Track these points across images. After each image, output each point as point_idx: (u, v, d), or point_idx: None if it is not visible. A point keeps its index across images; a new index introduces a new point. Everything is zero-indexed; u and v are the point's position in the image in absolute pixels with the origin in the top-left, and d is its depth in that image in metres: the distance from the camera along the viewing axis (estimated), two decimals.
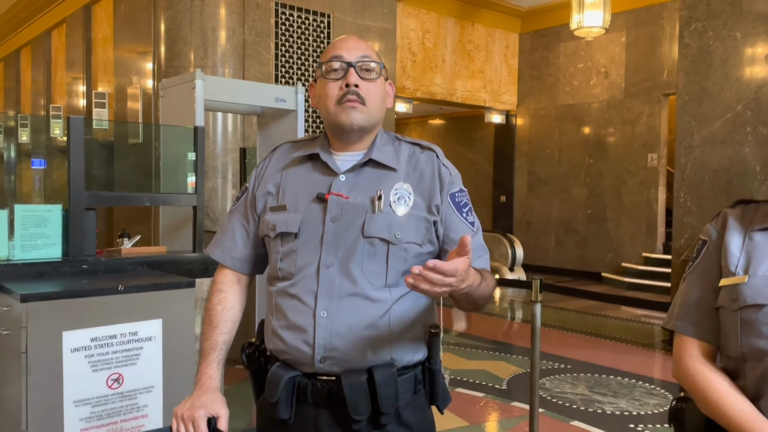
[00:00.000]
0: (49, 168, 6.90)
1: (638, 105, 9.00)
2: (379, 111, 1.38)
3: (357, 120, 1.34)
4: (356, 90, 1.33)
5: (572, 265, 9.86)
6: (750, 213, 1.27)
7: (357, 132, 1.36)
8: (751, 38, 4.90)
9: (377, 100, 1.37)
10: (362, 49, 1.37)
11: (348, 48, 1.36)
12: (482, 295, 1.27)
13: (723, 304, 1.22)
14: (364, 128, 1.36)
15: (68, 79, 8.87)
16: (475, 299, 1.26)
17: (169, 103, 3.94)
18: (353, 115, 1.33)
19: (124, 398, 2.33)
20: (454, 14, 9.44)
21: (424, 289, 1.06)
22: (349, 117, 1.33)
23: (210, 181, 5.94)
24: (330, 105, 1.35)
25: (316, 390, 1.30)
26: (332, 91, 1.34)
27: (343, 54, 1.35)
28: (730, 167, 4.99)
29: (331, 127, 1.38)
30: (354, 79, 1.33)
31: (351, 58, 1.34)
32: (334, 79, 1.35)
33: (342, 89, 1.33)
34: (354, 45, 1.37)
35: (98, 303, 2.29)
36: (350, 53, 1.35)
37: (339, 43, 1.38)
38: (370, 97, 1.34)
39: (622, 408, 3.93)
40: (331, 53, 1.37)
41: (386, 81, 1.42)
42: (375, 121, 1.38)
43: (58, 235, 2.61)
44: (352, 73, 1.33)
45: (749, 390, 1.18)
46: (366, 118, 1.35)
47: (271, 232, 1.37)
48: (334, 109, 1.34)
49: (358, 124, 1.34)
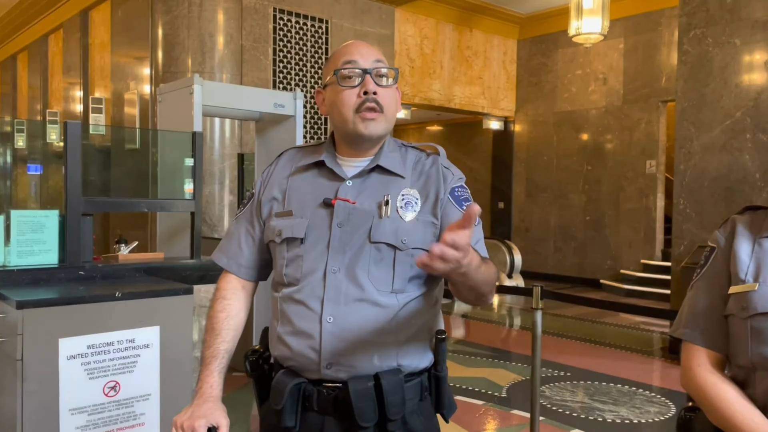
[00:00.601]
0: (45, 173, 6.86)
1: (636, 112, 9.01)
2: (394, 118, 1.37)
3: (377, 131, 1.32)
4: (375, 98, 1.30)
5: (570, 272, 9.85)
6: (759, 219, 1.26)
7: (374, 141, 1.35)
8: (750, 45, 4.90)
9: (393, 108, 1.35)
10: (375, 54, 1.35)
11: (361, 53, 1.33)
12: (483, 280, 1.19)
13: (733, 312, 1.21)
14: (381, 137, 1.35)
15: (65, 84, 8.85)
16: (476, 283, 1.18)
17: (167, 109, 3.92)
18: (372, 126, 1.31)
19: (120, 406, 2.29)
20: (453, 20, 9.45)
21: (437, 267, 1.01)
22: (368, 128, 1.31)
23: (207, 187, 5.92)
24: (347, 113, 1.31)
25: (322, 397, 1.28)
26: (349, 99, 1.31)
27: (357, 59, 1.32)
28: (729, 174, 4.98)
29: (347, 135, 1.36)
30: (372, 87, 1.30)
31: (366, 64, 1.32)
32: (351, 86, 1.31)
33: (360, 97, 1.31)
34: (367, 50, 1.34)
35: (95, 310, 2.26)
36: (364, 59, 1.32)
37: (350, 49, 1.35)
38: (387, 105, 1.32)
39: (622, 416, 3.90)
40: (343, 58, 1.33)
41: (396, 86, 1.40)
42: (390, 130, 1.37)
43: (55, 241, 2.58)
44: (369, 81, 1.31)
45: (759, 399, 1.17)
46: (385, 127, 1.33)
47: (276, 237, 1.35)
48: (353, 118, 1.31)
49: (378, 134, 1.33)
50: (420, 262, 1.02)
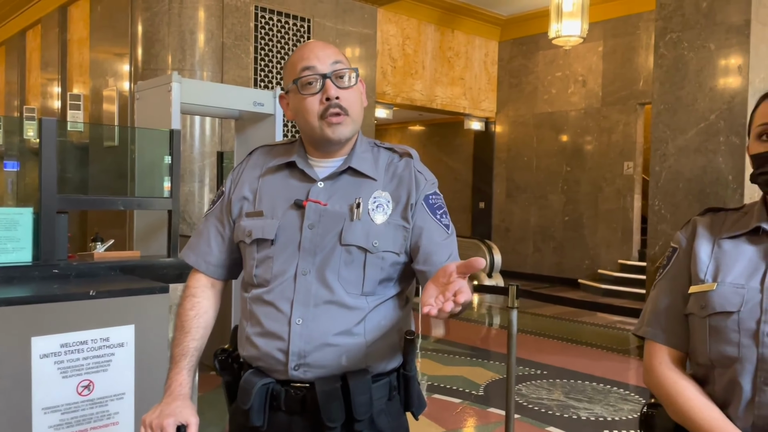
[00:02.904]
0: (22, 170, 6.77)
1: (615, 114, 9.12)
2: (361, 117, 1.36)
3: (344, 134, 1.32)
4: (338, 102, 1.29)
5: (549, 272, 9.94)
6: (719, 221, 1.29)
7: (342, 143, 1.35)
8: (724, 49, 4.99)
9: (357, 107, 1.34)
10: (332, 55, 1.33)
11: (318, 57, 1.31)
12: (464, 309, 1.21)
13: (692, 311, 1.24)
14: (349, 138, 1.35)
15: (43, 81, 8.74)
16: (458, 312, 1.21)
17: (145, 106, 3.89)
18: (339, 130, 1.31)
19: (94, 405, 2.28)
20: (435, 21, 9.49)
21: (446, 312, 1.01)
22: (335, 133, 1.31)
23: (187, 185, 5.89)
24: (313, 120, 1.31)
25: (290, 397, 1.29)
26: (312, 107, 1.30)
27: (315, 65, 1.30)
28: (703, 176, 5.06)
29: (314, 140, 1.35)
30: (334, 92, 1.29)
31: (324, 69, 1.30)
32: (312, 93, 1.30)
33: (323, 103, 1.30)
34: (323, 53, 1.32)
35: (69, 308, 2.24)
36: (322, 63, 1.30)
37: (307, 53, 1.32)
38: (351, 106, 1.32)
39: (597, 414, 3.96)
40: (300, 65, 1.32)
41: None
42: (358, 128, 1.37)
43: (29, 239, 2.55)
44: (330, 86, 1.29)
45: (718, 397, 1.20)
46: (352, 128, 1.33)
47: (246, 238, 1.35)
48: (319, 124, 1.31)
49: (346, 136, 1.33)
50: (431, 312, 1.00)
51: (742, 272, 1.20)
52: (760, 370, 1.13)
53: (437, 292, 1.04)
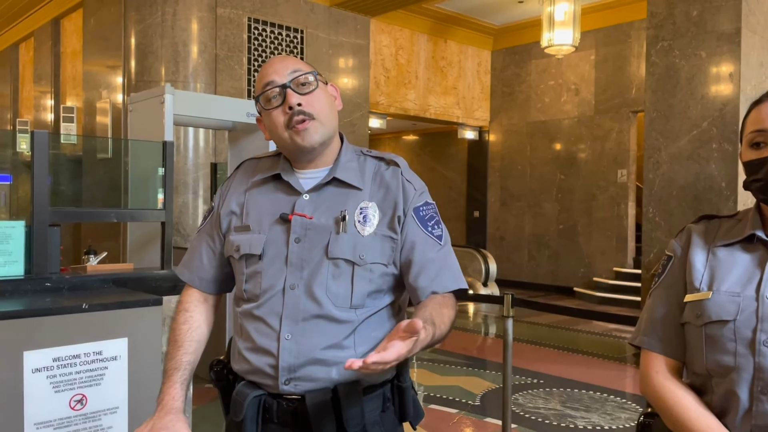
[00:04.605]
0: (15, 183, 6.74)
1: (608, 122, 9.15)
2: (331, 119, 1.34)
3: (314, 139, 1.31)
4: (300, 108, 1.29)
5: (545, 280, 9.94)
6: (713, 228, 1.29)
7: (318, 149, 1.33)
8: (715, 57, 5.02)
9: (326, 109, 1.33)
10: (290, 65, 1.33)
11: (276, 71, 1.32)
12: (438, 340, 1.20)
13: (688, 320, 1.23)
14: (323, 143, 1.33)
15: (36, 93, 8.72)
16: (430, 345, 1.19)
17: (138, 118, 3.89)
18: (308, 136, 1.30)
19: (87, 420, 2.26)
20: (427, 31, 9.53)
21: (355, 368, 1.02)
22: (305, 139, 1.30)
23: (181, 197, 5.87)
24: (282, 133, 1.31)
25: (282, 409, 1.28)
26: (278, 119, 1.31)
27: (274, 79, 1.31)
28: (696, 183, 5.08)
29: (291, 152, 1.35)
30: (294, 99, 1.29)
31: (282, 80, 1.30)
32: (275, 107, 1.31)
33: (286, 113, 1.30)
34: (281, 65, 1.33)
35: (61, 322, 2.22)
36: (280, 75, 1.31)
37: (267, 71, 1.33)
38: (317, 110, 1.31)
39: (594, 422, 3.94)
40: (262, 82, 1.33)
41: (327, 85, 1.38)
42: (331, 132, 1.35)
43: (21, 252, 2.54)
44: (290, 94, 1.29)
45: (715, 406, 1.19)
46: (322, 132, 1.32)
47: (235, 253, 1.35)
48: (288, 135, 1.30)
49: (318, 141, 1.32)
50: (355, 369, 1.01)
51: (738, 280, 1.19)
52: (757, 380, 1.13)
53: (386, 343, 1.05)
